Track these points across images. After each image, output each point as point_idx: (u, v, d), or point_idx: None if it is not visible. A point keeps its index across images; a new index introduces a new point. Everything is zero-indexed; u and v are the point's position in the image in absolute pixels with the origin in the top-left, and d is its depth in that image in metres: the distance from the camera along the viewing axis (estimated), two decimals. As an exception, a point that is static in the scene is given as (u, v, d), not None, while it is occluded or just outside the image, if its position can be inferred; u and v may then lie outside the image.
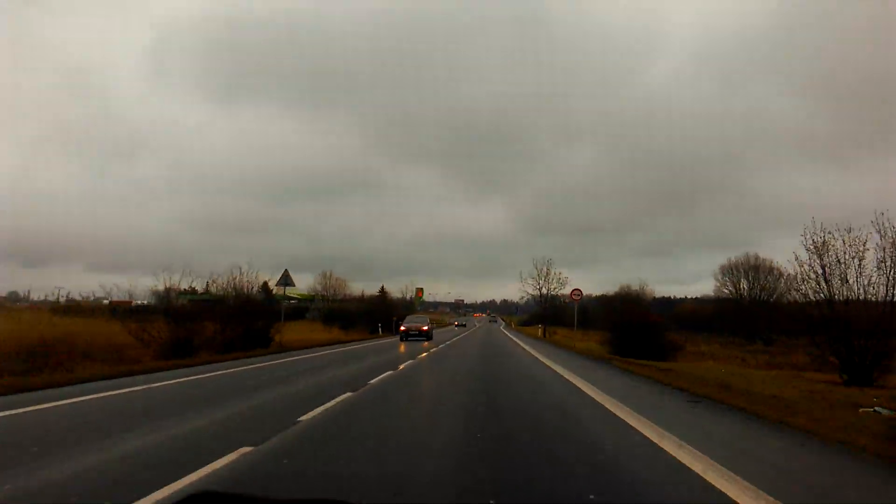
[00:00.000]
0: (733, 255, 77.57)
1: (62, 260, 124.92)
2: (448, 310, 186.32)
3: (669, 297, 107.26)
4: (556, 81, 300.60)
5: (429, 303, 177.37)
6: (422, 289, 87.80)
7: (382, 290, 75.06)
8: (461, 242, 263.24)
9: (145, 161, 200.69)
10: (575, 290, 43.96)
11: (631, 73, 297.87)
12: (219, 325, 21.49)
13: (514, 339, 43.31)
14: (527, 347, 29.89)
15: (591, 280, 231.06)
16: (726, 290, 65.11)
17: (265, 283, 28.85)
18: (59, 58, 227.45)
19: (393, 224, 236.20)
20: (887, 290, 15.18)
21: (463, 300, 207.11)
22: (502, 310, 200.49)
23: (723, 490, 4.44)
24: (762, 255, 62.34)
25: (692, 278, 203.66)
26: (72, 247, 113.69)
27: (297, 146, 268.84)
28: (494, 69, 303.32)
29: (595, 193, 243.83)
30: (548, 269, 53.39)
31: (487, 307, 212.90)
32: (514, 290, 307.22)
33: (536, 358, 21.75)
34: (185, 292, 23.97)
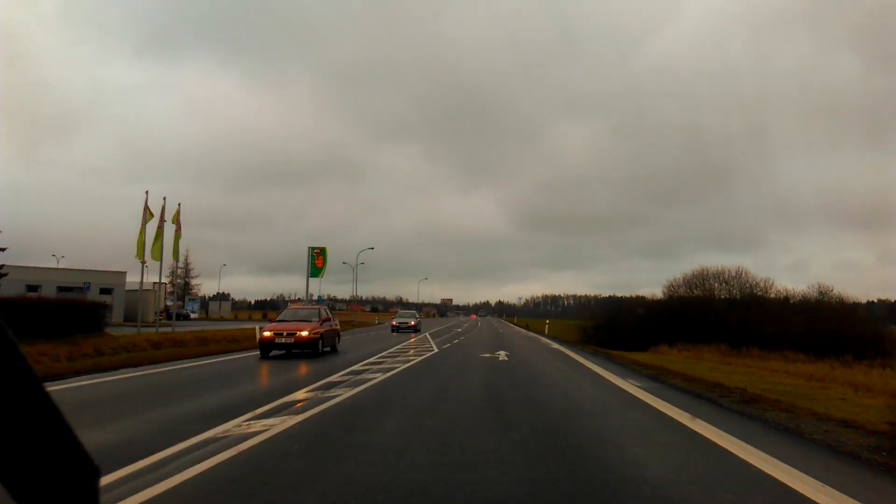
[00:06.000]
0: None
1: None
2: (434, 310, 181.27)
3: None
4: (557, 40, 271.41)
5: (412, 303, 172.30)
6: (323, 250, 44.85)
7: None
8: (451, 242, 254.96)
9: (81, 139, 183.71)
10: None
11: (645, 35, 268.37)
12: None
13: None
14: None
15: (585, 280, 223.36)
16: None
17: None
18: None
19: (379, 224, 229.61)
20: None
21: (451, 300, 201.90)
22: (498, 312, 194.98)
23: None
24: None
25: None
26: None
27: (246, 112, 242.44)
28: (484, 20, 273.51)
29: (598, 180, 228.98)
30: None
31: (481, 308, 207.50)
32: (510, 290, 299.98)
33: None
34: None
